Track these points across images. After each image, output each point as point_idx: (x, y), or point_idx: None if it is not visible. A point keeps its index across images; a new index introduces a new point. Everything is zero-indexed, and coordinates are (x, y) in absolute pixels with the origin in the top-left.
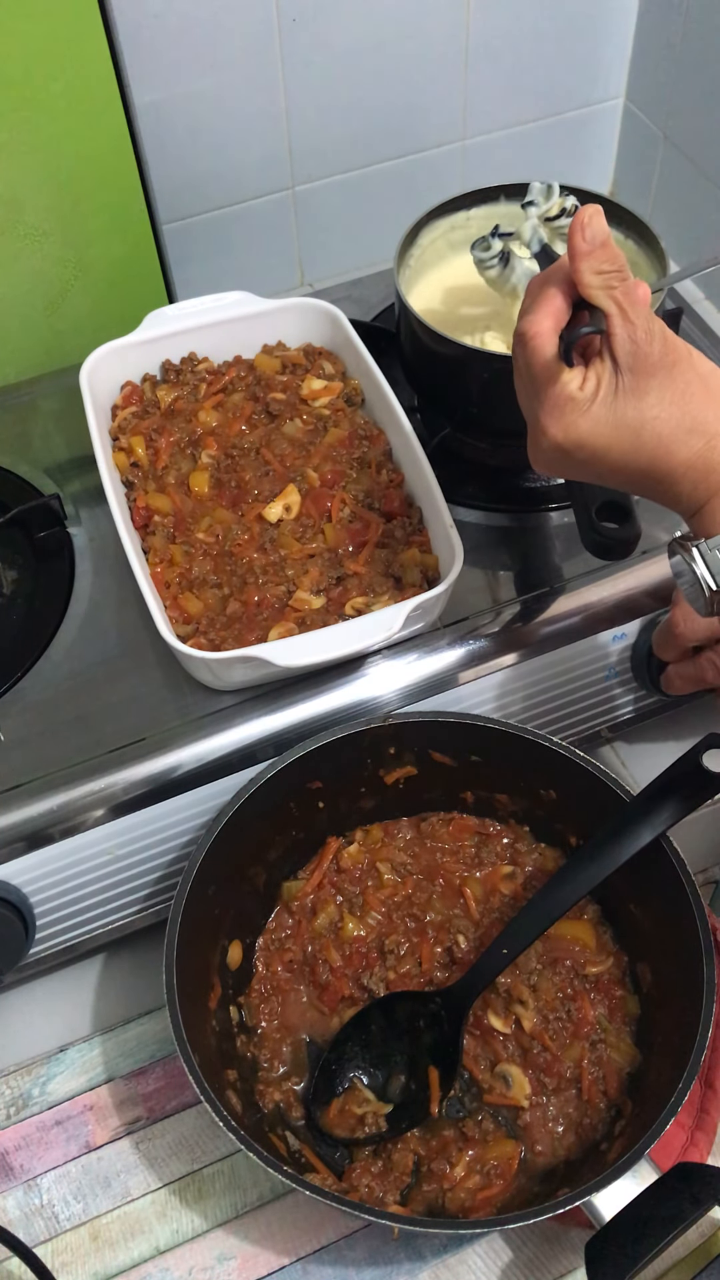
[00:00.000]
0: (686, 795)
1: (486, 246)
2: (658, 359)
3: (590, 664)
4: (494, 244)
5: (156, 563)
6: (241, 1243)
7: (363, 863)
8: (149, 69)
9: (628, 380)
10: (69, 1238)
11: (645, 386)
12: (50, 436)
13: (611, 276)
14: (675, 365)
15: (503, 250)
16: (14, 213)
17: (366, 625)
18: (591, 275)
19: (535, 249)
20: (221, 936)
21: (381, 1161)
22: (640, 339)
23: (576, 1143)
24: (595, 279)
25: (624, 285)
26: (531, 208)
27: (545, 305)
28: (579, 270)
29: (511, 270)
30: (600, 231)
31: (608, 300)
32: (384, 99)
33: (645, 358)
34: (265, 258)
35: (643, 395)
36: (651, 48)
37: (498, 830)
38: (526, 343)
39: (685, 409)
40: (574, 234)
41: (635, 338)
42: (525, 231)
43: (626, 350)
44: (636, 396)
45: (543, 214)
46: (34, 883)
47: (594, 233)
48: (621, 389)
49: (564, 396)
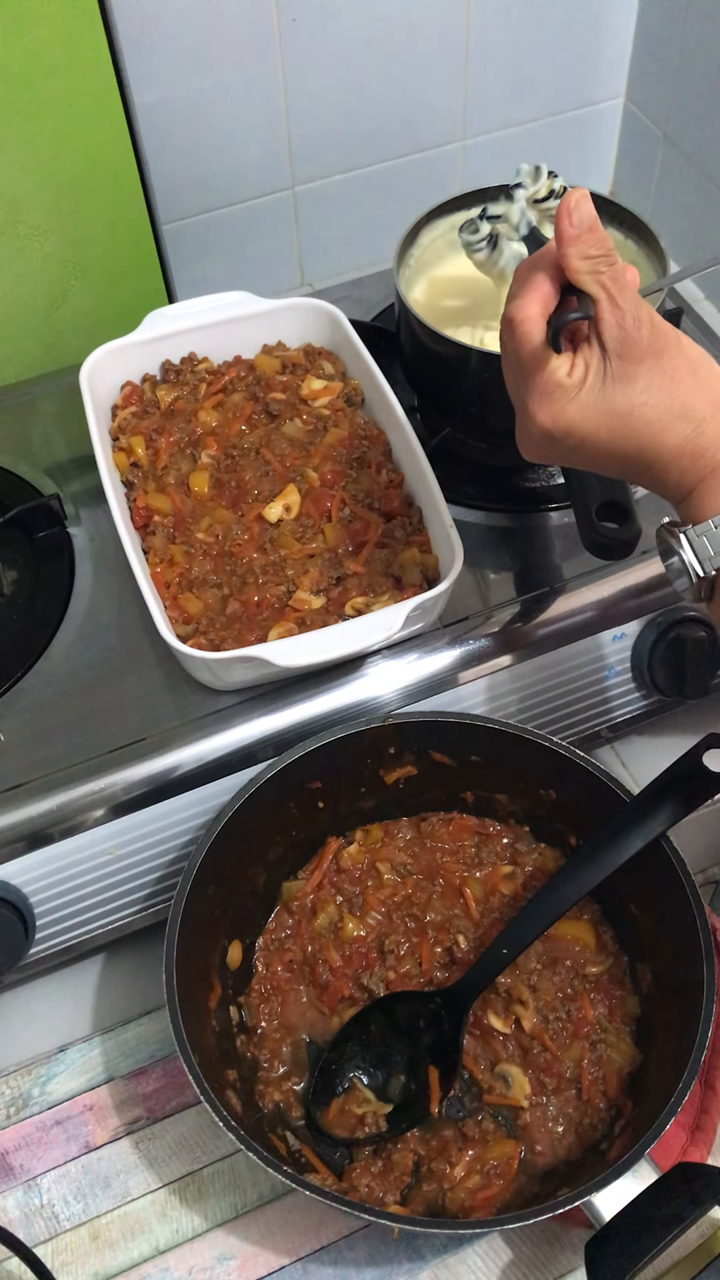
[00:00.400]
0: (686, 795)
1: (475, 229)
2: (646, 345)
3: (590, 664)
4: (482, 226)
5: (156, 563)
6: (241, 1243)
7: (363, 863)
8: (149, 69)
9: (616, 366)
10: (69, 1238)
11: (634, 372)
12: (50, 436)
13: (599, 261)
14: (664, 351)
15: (491, 233)
16: (14, 213)
17: (366, 625)
18: (579, 260)
19: (524, 231)
20: (221, 936)
21: (381, 1161)
22: (629, 325)
23: (576, 1143)
24: (583, 264)
25: (612, 270)
26: (519, 190)
27: (532, 291)
28: (566, 255)
29: (500, 253)
30: (588, 215)
31: (595, 285)
32: (384, 99)
33: (634, 343)
34: (265, 258)
35: (631, 381)
36: (651, 48)
37: (498, 830)
38: (514, 328)
39: (673, 395)
40: (561, 218)
41: (623, 323)
42: (514, 214)
43: (615, 336)
44: (625, 382)
45: (531, 196)
46: (34, 883)
47: (581, 217)
48: (610, 375)
49: (552, 383)
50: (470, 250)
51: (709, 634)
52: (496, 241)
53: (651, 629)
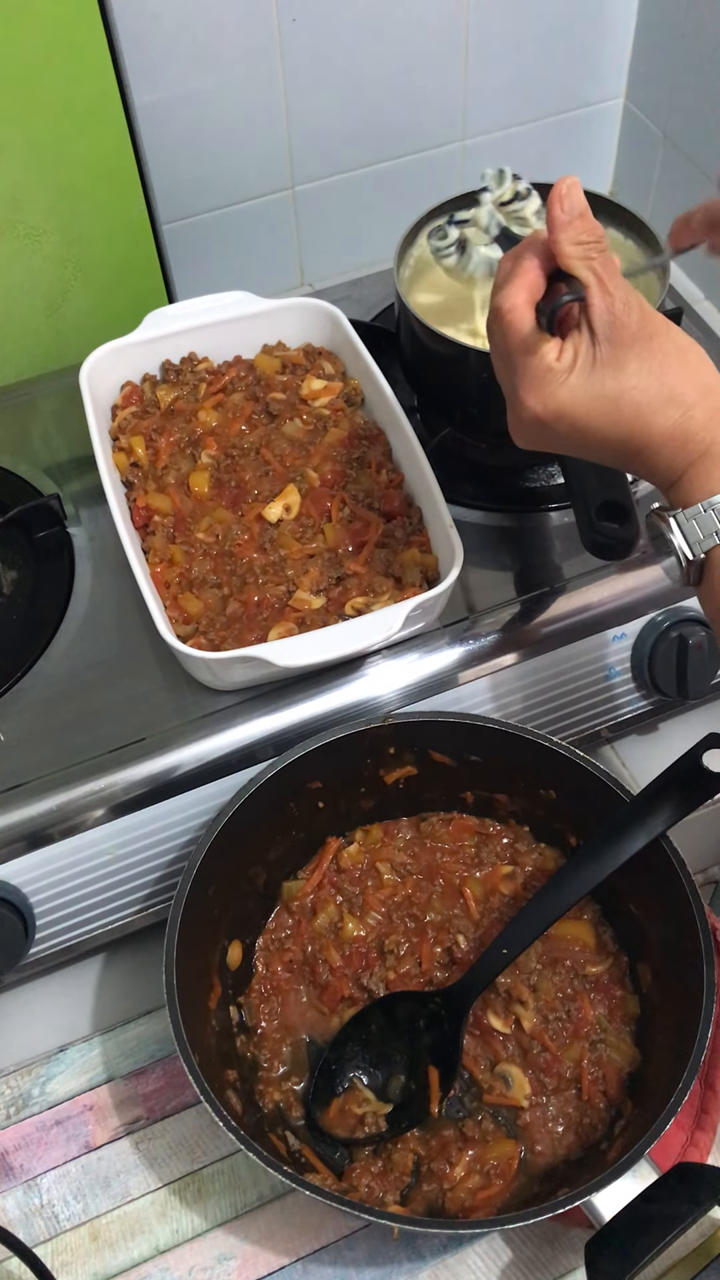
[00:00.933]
0: (686, 795)
1: (443, 235)
2: (636, 330)
3: (590, 664)
4: (450, 232)
5: (156, 563)
6: (241, 1243)
7: (363, 863)
8: (149, 69)
9: (605, 351)
10: (69, 1238)
11: (623, 357)
12: (50, 436)
13: (591, 248)
14: (653, 337)
15: (459, 238)
16: (14, 213)
17: (366, 625)
18: (571, 246)
19: (494, 233)
20: (221, 936)
21: (381, 1161)
22: (618, 310)
23: (576, 1143)
24: (575, 249)
25: (602, 256)
26: (485, 194)
27: (519, 278)
28: (558, 241)
29: (469, 258)
30: (578, 202)
31: (586, 271)
32: (384, 99)
33: (623, 328)
34: (265, 258)
35: (620, 366)
36: (651, 48)
37: (498, 830)
38: (502, 317)
39: (662, 380)
40: (553, 205)
41: (613, 309)
42: (482, 217)
43: (604, 321)
44: (614, 367)
45: (497, 199)
46: (34, 883)
47: (572, 204)
48: (599, 360)
49: (542, 368)
50: (439, 256)
51: (709, 634)
52: (465, 246)
53: (651, 629)
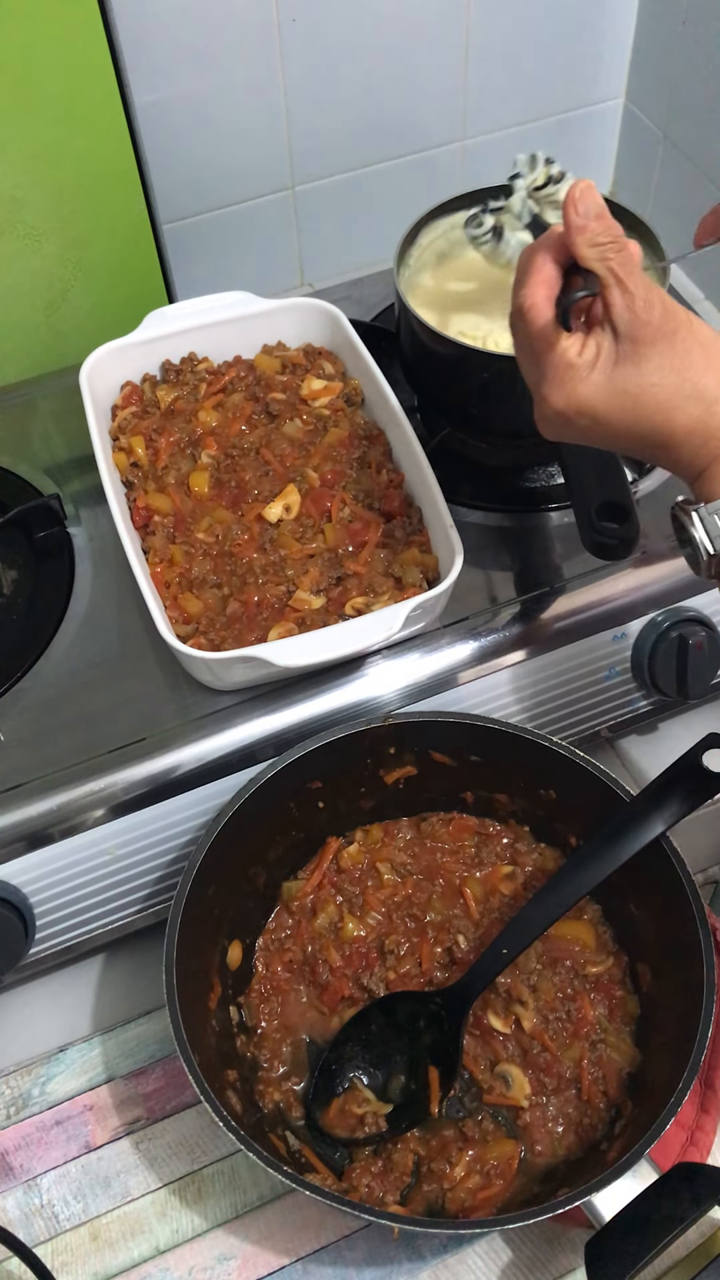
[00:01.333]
0: (686, 795)
1: (479, 223)
2: (657, 327)
3: (590, 664)
4: (486, 219)
5: (156, 563)
6: (241, 1243)
7: (363, 863)
8: (149, 69)
9: (627, 348)
10: (69, 1238)
11: (645, 354)
12: (50, 436)
13: (608, 248)
14: (675, 333)
15: (495, 225)
16: (14, 213)
17: (366, 625)
18: (587, 249)
19: (526, 220)
20: (221, 936)
21: (381, 1161)
22: (639, 308)
23: (576, 1143)
24: (591, 251)
25: (620, 255)
26: (518, 179)
27: (535, 275)
28: (575, 244)
29: (506, 244)
30: (594, 205)
31: (605, 271)
32: (384, 99)
33: (645, 326)
34: (265, 258)
35: (642, 362)
36: (651, 48)
37: (498, 830)
38: (524, 314)
39: (685, 376)
40: (568, 209)
41: (633, 307)
42: (515, 204)
43: (625, 319)
44: (636, 364)
45: (530, 184)
46: (34, 883)
47: (587, 207)
48: (621, 356)
49: (564, 363)
50: (476, 244)
51: (709, 634)
52: (501, 233)
53: (651, 629)
